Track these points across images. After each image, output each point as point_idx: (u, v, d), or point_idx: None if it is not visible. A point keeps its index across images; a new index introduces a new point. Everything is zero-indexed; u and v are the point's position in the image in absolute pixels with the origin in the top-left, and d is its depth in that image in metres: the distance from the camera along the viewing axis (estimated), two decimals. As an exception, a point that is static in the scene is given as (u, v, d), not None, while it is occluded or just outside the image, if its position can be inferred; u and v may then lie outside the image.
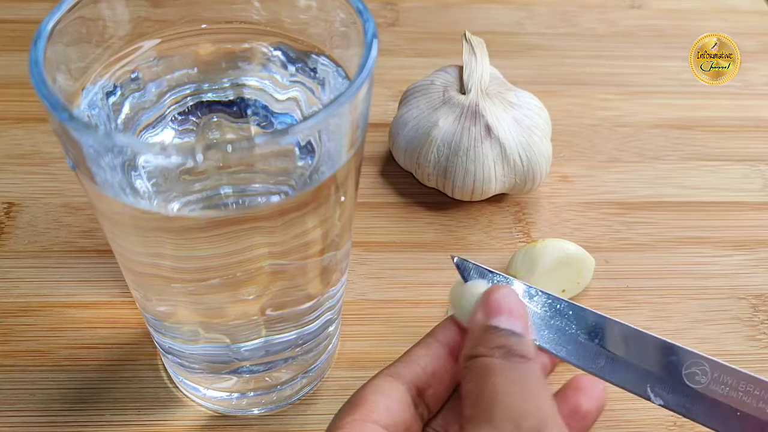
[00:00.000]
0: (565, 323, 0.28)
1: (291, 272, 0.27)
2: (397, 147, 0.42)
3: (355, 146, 0.25)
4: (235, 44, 0.30)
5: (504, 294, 0.25)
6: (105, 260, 0.38)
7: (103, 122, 0.27)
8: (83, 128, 0.21)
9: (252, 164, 0.23)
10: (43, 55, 0.23)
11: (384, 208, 0.42)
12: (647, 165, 0.46)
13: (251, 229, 0.24)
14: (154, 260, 0.26)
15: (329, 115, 0.22)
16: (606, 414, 0.33)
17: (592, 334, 0.28)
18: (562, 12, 0.58)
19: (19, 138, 0.45)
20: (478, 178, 0.40)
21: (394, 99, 0.48)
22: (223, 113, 0.29)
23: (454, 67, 0.43)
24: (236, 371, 0.31)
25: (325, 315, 0.31)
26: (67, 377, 0.34)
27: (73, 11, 0.25)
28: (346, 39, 0.27)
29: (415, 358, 0.26)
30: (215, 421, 0.33)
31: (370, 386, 0.25)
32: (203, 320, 0.29)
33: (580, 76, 0.51)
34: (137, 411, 0.33)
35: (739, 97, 0.51)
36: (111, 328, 0.36)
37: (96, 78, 0.27)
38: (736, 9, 0.59)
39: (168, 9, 0.28)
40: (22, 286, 0.37)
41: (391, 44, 0.53)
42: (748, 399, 0.26)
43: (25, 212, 0.41)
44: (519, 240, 0.41)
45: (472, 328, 0.25)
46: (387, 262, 0.39)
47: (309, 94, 0.29)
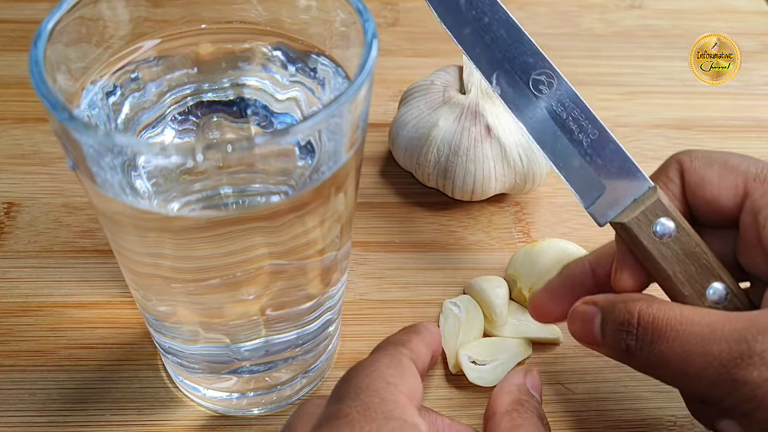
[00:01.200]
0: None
1: (291, 272, 0.27)
2: (397, 147, 0.42)
3: (355, 146, 0.25)
4: (235, 44, 0.30)
5: (539, 378, 0.31)
6: (105, 260, 0.38)
7: (103, 122, 0.27)
8: (83, 128, 0.21)
9: (252, 164, 0.23)
10: (43, 55, 0.23)
11: (384, 208, 0.42)
12: (647, 165, 0.45)
13: (251, 229, 0.24)
14: (154, 260, 0.26)
15: (329, 115, 0.22)
16: (606, 414, 0.34)
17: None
18: (562, 12, 0.58)
19: (19, 138, 0.45)
20: (478, 178, 0.40)
21: (394, 99, 0.48)
22: (223, 113, 0.29)
23: (454, 67, 0.43)
24: (236, 371, 0.31)
25: (325, 315, 0.31)
26: (67, 377, 0.34)
27: (73, 11, 0.25)
28: (346, 39, 0.27)
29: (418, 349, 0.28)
30: (215, 421, 0.33)
31: (408, 367, 0.26)
32: (203, 320, 0.29)
33: (580, 76, 0.51)
34: (137, 411, 0.33)
35: (739, 97, 0.51)
36: (111, 328, 0.36)
37: (96, 78, 0.27)
38: (736, 9, 0.59)
39: (168, 9, 0.28)
40: (22, 286, 0.37)
41: (391, 44, 0.53)
42: (574, 126, 0.30)
43: (25, 212, 0.41)
44: (519, 240, 0.41)
45: (516, 382, 0.30)
46: (387, 262, 0.39)
47: (309, 94, 0.29)
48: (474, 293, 0.37)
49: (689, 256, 0.29)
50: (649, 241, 0.29)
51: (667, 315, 0.27)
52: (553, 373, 0.35)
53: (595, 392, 0.34)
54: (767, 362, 0.24)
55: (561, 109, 0.30)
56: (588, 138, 0.30)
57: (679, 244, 0.29)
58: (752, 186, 0.29)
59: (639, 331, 0.27)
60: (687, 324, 0.26)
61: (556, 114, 0.30)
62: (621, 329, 0.28)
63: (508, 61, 0.30)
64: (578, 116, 0.30)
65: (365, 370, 0.25)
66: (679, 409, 0.34)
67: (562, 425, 0.33)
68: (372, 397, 0.24)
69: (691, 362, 0.26)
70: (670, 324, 0.26)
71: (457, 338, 0.35)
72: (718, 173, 0.29)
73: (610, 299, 0.29)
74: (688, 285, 0.29)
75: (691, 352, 0.26)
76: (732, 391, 0.25)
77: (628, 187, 0.30)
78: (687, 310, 0.27)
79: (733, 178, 0.29)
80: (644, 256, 0.30)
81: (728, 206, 0.29)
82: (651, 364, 0.27)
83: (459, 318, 0.35)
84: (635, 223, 0.29)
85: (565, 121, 0.30)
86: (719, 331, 0.25)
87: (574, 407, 0.34)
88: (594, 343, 0.30)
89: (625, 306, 0.28)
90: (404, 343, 0.28)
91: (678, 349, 0.26)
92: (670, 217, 0.29)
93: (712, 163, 0.30)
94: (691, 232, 0.29)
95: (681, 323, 0.26)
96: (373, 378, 0.25)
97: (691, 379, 0.26)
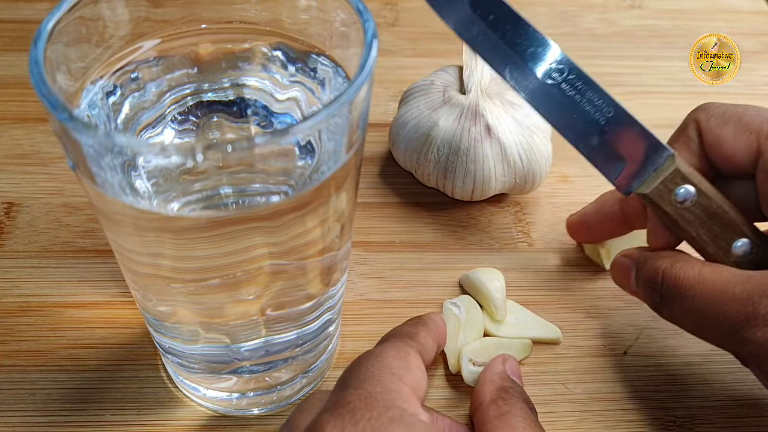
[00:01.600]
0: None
1: (291, 272, 0.27)
2: (397, 147, 0.42)
3: (355, 146, 0.25)
4: (235, 44, 0.30)
5: (517, 363, 0.32)
6: (105, 260, 0.38)
7: (103, 122, 0.27)
8: (83, 128, 0.21)
9: (252, 164, 0.23)
10: (43, 55, 0.23)
11: (384, 208, 0.42)
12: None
13: (251, 229, 0.24)
14: (154, 260, 0.26)
15: (329, 115, 0.22)
16: (606, 414, 0.34)
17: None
18: (562, 12, 0.58)
19: (19, 138, 0.45)
20: (478, 178, 0.40)
21: (394, 99, 0.48)
22: (223, 113, 0.29)
23: (454, 67, 0.43)
24: (236, 371, 0.31)
25: (325, 315, 0.31)
26: (67, 377, 0.34)
27: (73, 11, 0.25)
28: (346, 39, 0.27)
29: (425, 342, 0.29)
30: (215, 421, 0.33)
31: (414, 359, 0.27)
32: (203, 320, 0.29)
33: (580, 76, 0.51)
34: (137, 411, 0.33)
35: (739, 97, 0.51)
36: (111, 328, 0.36)
37: (96, 78, 0.27)
38: (736, 9, 0.59)
39: (168, 9, 0.28)
40: (22, 286, 0.37)
41: (391, 44, 0.53)
42: (589, 107, 0.31)
43: (25, 212, 0.41)
44: (519, 240, 0.41)
45: (496, 370, 0.31)
46: (387, 262, 0.39)
47: (309, 94, 0.29)
48: (471, 286, 0.37)
49: (712, 218, 0.30)
50: (672, 208, 0.30)
51: (687, 275, 0.29)
52: (553, 373, 0.35)
53: (595, 392, 0.34)
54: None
55: (575, 93, 0.31)
56: (604, 117, 0.31)
57: (700, 208, 0.30)
58: (765, 145, 0.30)
59: (663, 289, 0.30)
60: (704, 283, 0.29)
61: (572, 98, 0.31)
62: (649, 285, 0.31)
63: (518, 55, 0.30)
64: (592, 97, 0.31)
65: (371, 360, 0.26)
66: (679, 409, 0.34)
67: (562, 425, 0.33)
68: (375, 387, 0.24)
69: (706, 319, 0.29)
70: (689, 283, 0.29)
71: (457, 338, 0.35)
72: (733, 132, 0.31)
73: (644, 255, 0.32)
74: (713, 244, 0.31)
75: (705, 310, 0.28)
76: (742, 346, 0.28)
77: (647, 157, 0.31)
78: (706, 269, 0.29)
79: (747, 136, 0.30)
80: (669, 221, 0.31)
81: (744, 163, 0.31)
82: (675, 317, 0.30)
83: (459, 318, 0.35)
84: (656, 193, 0.31)
85: (580, 104, 0.31)
86: (731, 291, 0.28)
87: (574, 407, 0.34)
88: (633, 293, 0.33)
89: (654, 263, 0.31)
90: (412, 335, 0.29)
91: (696, 307, 0.29)
92: (690, 182, 0.30)
93: (727, 121, 0.31)
94: (711, 193, 0.30)
95: (699, 282, 0.29)
96: (378, 368, 0.25)
97: (708, 333, 0.29)
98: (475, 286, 0.37)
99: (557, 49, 0.30)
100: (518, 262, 0.39)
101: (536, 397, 0.34)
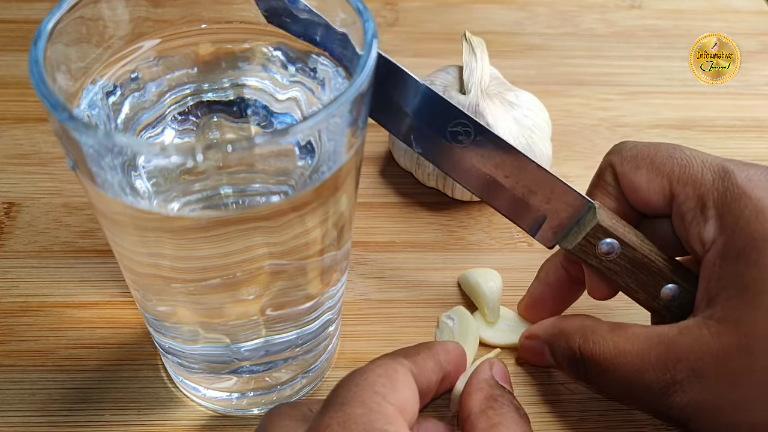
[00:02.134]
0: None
1: (291, 272, 0.27)
2: (397, 147, 0.42)
3: (355, 146, 0.25)
4: (235, 44, 0.30)
5: (505, 367, 0.30)
6: (105, 260, 0.38)
7: (103, 122, 0.27)
8: (83, 128, 0.21)
9: (252, 164, 0.23)
10: (43, 55, 0.23)
11: (384, 208, 0.42)
12: (647, 165, 0.46)
13: (251, 229, 0.24)
14: (154, 260, 0.26)
15: (329, 115, 0.22)
16: (606, 414, 0.34)
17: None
18: (562, 12, 0.58)
19: (19, 138, 0.45)
20: (478, 178, 0.40)
21: (394, 99, 0.48)
22: (223, 113, 0.29)
23: (454, 67, 0.43)
24: (236, 371, 0.31)
25: (325, 315, 0.31)
26: (67, 377, 0.34)
27: (73, 11, 0.25)
28: (346, 39, 0.27)
29: (423, 363, 0.27)
30: (215, 421, 0.33)
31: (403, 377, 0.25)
32: (203, 320, 0.29)
33: (580, 76, 0.51)
34: (137, 411, 0.33)
35: (739, 97, 0.51)
36: (111, 328, 0.36)
37: (96, 78, 0.27)
38: (736, 9, 0.59)
39: (168, 9, 0.28)
40: (22, 286, 0.37)
41: (391, 44, 0.53)
42: (504, 172, 0.30)
43: (25, 212, 0.41)
44: (519, 240, 0.41)
45: (484, 377, 0.29)
46: (387, 262, 0.39)
47: (309, 94, 0.29)
48: (468, 287, 0.37)
49: (637, 267, 0.30)
50: (597, 261, 0.30)
51: (602, 350, 0.29)
52: (553, 373, 0.35)
53: (595, 392, 0.34)
54: (686, 389, 0.27)
55: (484, 155, 0.30)
56: (516, 177, 0.30)
57: (625, 259, 0.30)
58: (676, 189, 0.30)
59: (586, 365, 0.30)
60: (621, 356, 0.29)
61: (481, 160, 0.30)
62: (571, 364, 0.31)
63: (423, 121, 0.30)
64: (503, 159, 0.30)
65: (355, 380, 0.25)
66: (679, 409, 0.34)
67: (562, 425, 0.33)
68: (355, 408, 0.23)
69: (632, 390, 0.29)
70: (607, 358, 0.29)
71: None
72: (646, 177, 0.30)
73: (551, 333, 0.32)
74: (641, 291, 0.31)
75: (630, 382, 0.29)
76: (669, 411, 0.28)
77: (567, 210, 0.31)
78: (619, 340, 0.29)
79: (659, 181, 0.30)
80: (596, 273, 0.31)
81: (661, 206, 0.30)
82: (605, 389, 0.31)
83: (453, 330, 0.35)
84: (579, 248, 0.30)
85: (491, 167, 0.30)
86: (647, 359, 0.28)
87: (574, 407, 0.34)
88: (553, 368, 0.33)
89: (567, 344, 0.31)
90: (408, 354, 0.27)
91: (620, 380, 0.29)
92: (613, 236, 0.30)
93: (639, 165, 0.31)
94: (635, 243, 0.30)
95: (616, 356, 0.29)
96: (361, 387, 0.24)
97: (638, 402, 0.30)
98: (472, 286, 0.37)
99: (463, 112, 0.29)
100: (518, 263, 0.39)
101: (536, 397, 0.34)
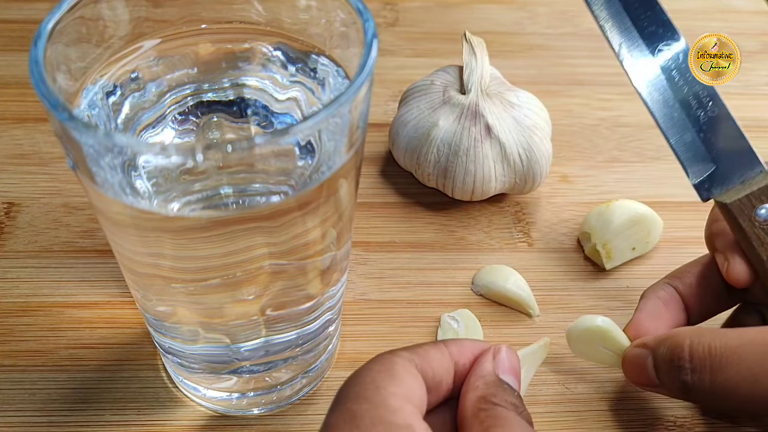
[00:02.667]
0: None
1: (291, 272, 0.27)
2: (397, 147, 0.42)
3: (355, 146, 0.25)
4: (235, 44, 0.30)
5: (514, 355, 0.27)
6: (105, 260, 0.38)
7: (103, 122, 0.27)
8: (83, 128, 0.21)
9: (252, 164, 0.23)
10: (43, 55, 0.23)
11: (384, 208, 0.42)
12: (647, 165, 0.46)
13: (251, 229, 0.24)
14: (154, 260, 0.26)
15: (329, 115, 0.22)
16: (606, 414, 0.34)
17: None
18: (562, 12, 0.58)
19: (19, 138, 0.45)
20: (478, 178, 0.40)
21: (394, 99, 0.48)
22: (223, 113, 0.29)
23: (454, 67, 0.43)
24: (236, 371, 0.31)
25: (325, 315, 0.31)
26: (67, 377, 0.34)
27: (73, 11, 0.25)
28: (346, 39, 0.27)
29: (425, 353, 0.26)
30: (215, 421, 0.33)
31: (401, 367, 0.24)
32: (203, 320, 0.29)
33: (580, 76, 0.51)
34: (137, 411, 0.33)
35: (739, 97, 0.51)
36: (111, 328, 0.36)
37: (96, 78, 0.27)
38: (736, 9, 0.59)
39: (168, 9, 0.28)
40: (22, 286, 0.37)
41: (391, 44, 0.53)
42: (694, 101, 0.30)
43: (25, 212, 0.41)
44: (519, 240, 0.41)
45: (482, 373, 0.26)
46: (387, 262, 0.39)
47: (309, 94, 0.29)
48: (488, 292, 0.37)
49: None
50: (749, 225, 0.29)
51: (723, 341, 0.27)
52: (553, 373, 0.35)
53: (595, 392, 0.34)
54: None
55: (683, 83, 0.30)
56: (706, 115, 0.30)
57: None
58: None
59: (694, 364, 0.27)
60: (748, 345, 0.26)
61: (677, 86, 0.30)
62: (673, 366, 0.28)
63: (637, 30, 0.30)
64: (699, 92, 0.30)
65: (356, 379, 0.24)
66: (679, 409, 0.34)
67: (562, 425, 0.33)
68: (360, 404, 0.23)
69: (760, 383, 0.26)
70: (730, 350, 0.26)
71: None
72: None
73: (659, 337, 0.29)
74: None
75: (758, 372, 0.26)
76: None
77: (738, 167, 0.30)
78: (742, 332, 0.27)
79: None
80: (742, 237, 0.30)
81: None
82: (717, 394, 0.27)
83: (457, 332, 0.35)
84: (737, 205, 0.29)
85: (685, 95, 0.30)
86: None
87: (574, 407, 0.34)
88: (651, 385, 0.29)
89: (674, 340, 0.28)
90: (410, 348, 0.26)
91: (745, 372, 0.26)
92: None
93: None
94: None
95: (740, 346, 0.26)
96: (362, 385, 0.24)
97: (762, 399, 0.26)
98: (492, 290, 0.37)
99: (679, 34, 0.29)
100: (518, 262, 0.39)
101: (536, 397, 0.34)
